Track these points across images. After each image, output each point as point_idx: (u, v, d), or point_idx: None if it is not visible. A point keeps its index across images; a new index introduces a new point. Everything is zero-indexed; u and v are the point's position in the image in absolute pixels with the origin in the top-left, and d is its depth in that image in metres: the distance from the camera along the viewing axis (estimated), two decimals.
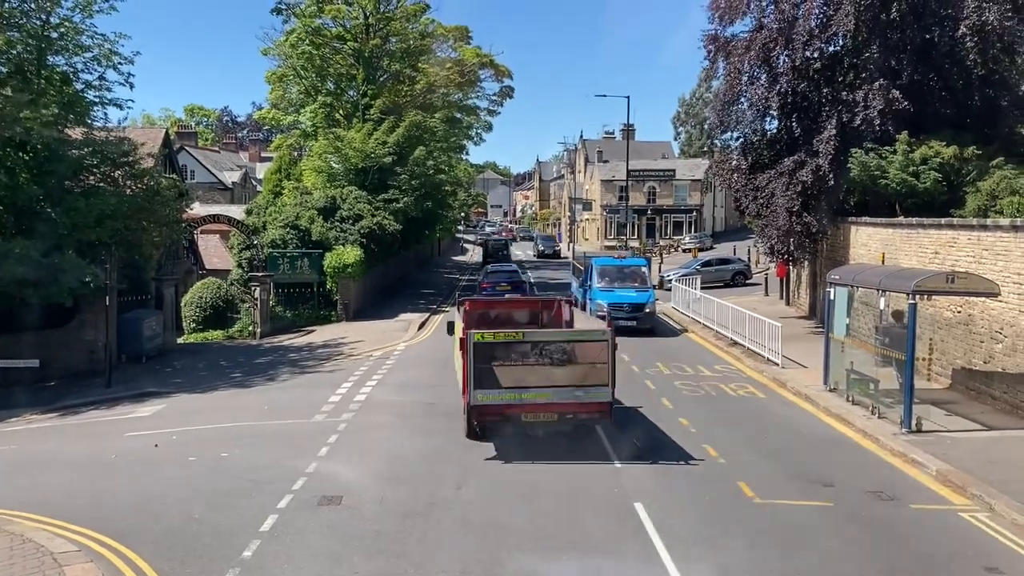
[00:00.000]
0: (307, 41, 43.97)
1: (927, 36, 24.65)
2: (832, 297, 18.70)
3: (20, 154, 23.26)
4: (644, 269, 31.50)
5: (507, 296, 28.48)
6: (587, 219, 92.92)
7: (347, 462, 14.24)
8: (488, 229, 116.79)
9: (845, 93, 25.45)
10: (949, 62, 24.81)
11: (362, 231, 36.27)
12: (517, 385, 14.18)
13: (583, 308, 24.75)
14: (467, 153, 67.30)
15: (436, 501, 12.15)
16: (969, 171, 22.77)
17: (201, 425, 17.78)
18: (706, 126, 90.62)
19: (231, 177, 67.21)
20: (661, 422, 16.82)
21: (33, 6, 23.82)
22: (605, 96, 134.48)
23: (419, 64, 48.08)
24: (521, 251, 79.93)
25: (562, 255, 74.98)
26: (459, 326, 16.18)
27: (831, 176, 24.85)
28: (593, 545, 10.61)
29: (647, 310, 28.74)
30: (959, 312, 18.80)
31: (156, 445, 15.80)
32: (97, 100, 25.40)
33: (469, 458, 14.30)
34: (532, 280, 48.97)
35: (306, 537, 10.82)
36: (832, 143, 24.70)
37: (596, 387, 14.24)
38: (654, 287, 31.03)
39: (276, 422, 17.68)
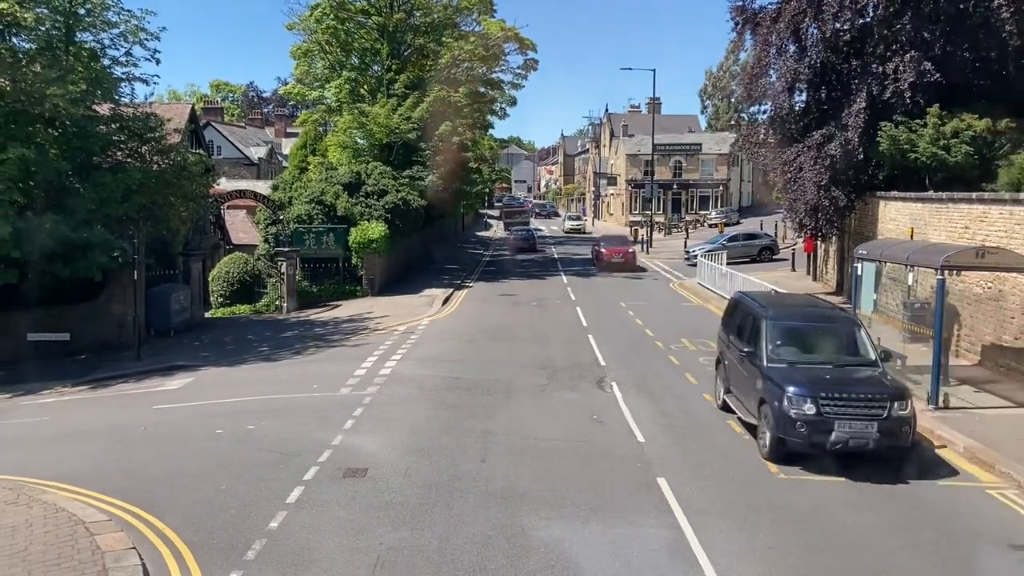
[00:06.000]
0: (332, 15, 43.90)
1: (961, 6, 24.05)
2: (860, 272, 18.49)
3: (49, 130, 23.46)
4: None
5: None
6: (612, 194, 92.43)
7: (372, 435, 14.38)
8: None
9: (875, 65, 24.97)
10: (983, 33, 24.20)
11: (387, 206, 36.36)
12: (514, 221, 74.90)
13: None
14: (492, 128, 66.79)
15: (460, 474, 12.25)
16: (1002, 144, 22.32)
17: (228, 398, 18.00)
18: (733, 99, 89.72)
19: (257, 153, 67.47)
20: (684, 398, 16.81)
21: None
22: (631, 69, 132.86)
23: (443, 38, 47.81)
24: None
25: None
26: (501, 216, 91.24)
27: (860, 150, 24.50)
28: (616, 516, 10.65)
29: None
30: (989, 288, 18.52)
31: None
32: (124, 76, 25.57)
33: (492, 431, 14.40)
34: None
35: (331, 508, 10.96)
36: (862, 116, 24.30)
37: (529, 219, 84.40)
38: None
39: (302, 395, 17.86)
